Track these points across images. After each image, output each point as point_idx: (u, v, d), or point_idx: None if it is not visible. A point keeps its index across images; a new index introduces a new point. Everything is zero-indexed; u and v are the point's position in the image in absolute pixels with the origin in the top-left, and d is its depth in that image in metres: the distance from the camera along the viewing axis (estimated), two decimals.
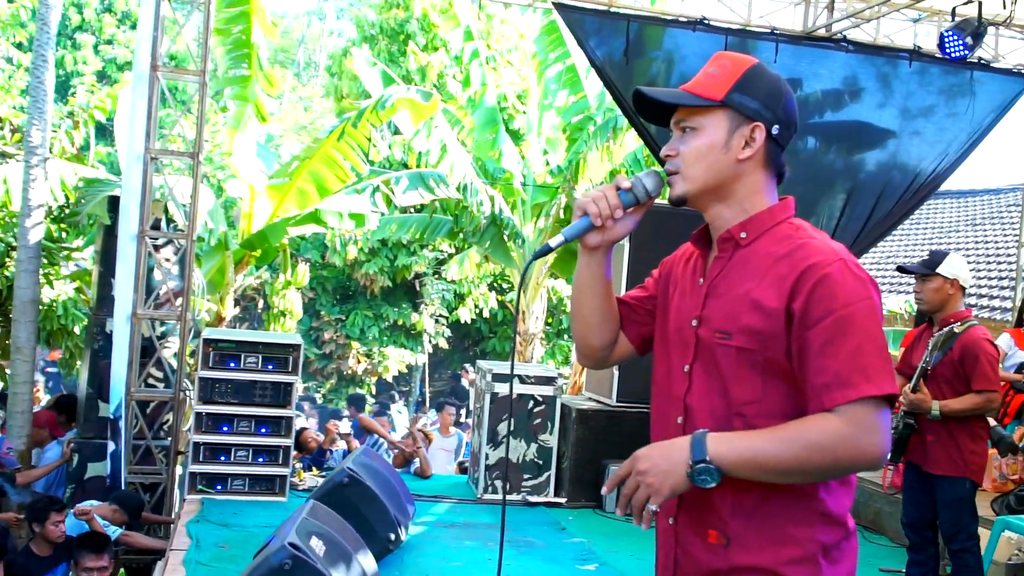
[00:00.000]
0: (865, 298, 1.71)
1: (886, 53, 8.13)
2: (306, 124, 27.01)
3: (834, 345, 1.69)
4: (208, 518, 5.79)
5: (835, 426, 1.67)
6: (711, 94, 1.83)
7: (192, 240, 7.19)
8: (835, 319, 1.69)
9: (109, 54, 22.89)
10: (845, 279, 1.72)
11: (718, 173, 1.84)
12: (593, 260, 1.96)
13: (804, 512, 1.77)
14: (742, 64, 1.86)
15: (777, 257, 1.79)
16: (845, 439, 1.67)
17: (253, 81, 9.32)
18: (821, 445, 1.67)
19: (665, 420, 1.93)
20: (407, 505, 5.77)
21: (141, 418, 7.13)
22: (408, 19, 18.15)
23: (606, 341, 2.05)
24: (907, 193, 8.21)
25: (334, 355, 19.74)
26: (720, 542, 1.80)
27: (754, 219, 1.85)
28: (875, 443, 1.68)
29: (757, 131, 1.83)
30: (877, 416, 1.69)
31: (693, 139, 1.84)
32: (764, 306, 1.76)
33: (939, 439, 4.54)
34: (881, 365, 1.70)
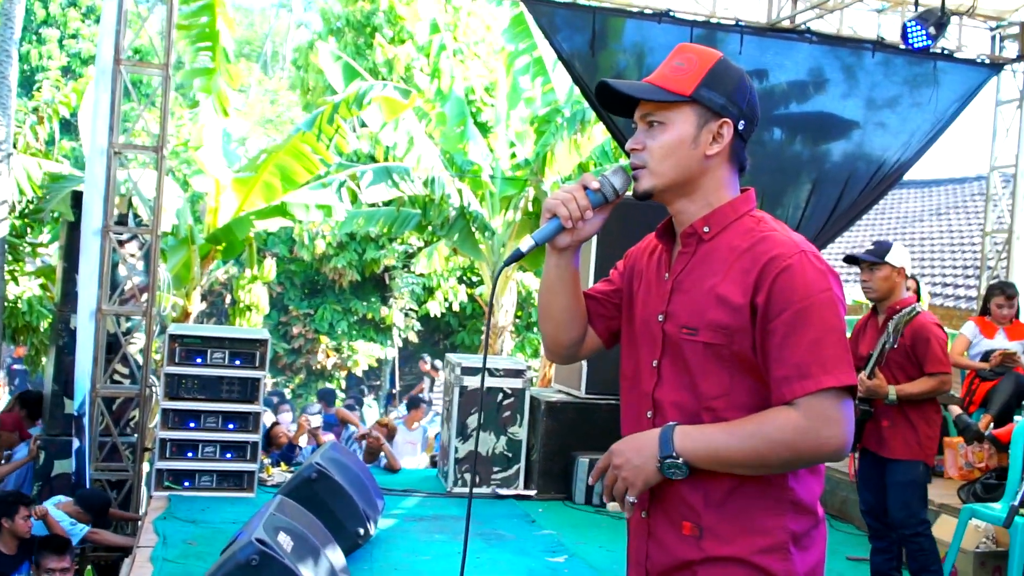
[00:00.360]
0: (825, 290, 1.74)
1: (850, 44, 8.19)
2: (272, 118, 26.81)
3: (794, 337, 1.72)
4: (175, 515, 5.74)
5: (794, 419, 1.70)
6: (679, 89, 1.83)
7: (157, 235, 7.12)
8: (795, 311, 1.72)
9: (74, 49, 22.61)
10: (805, 271, 1.74)
11: (686, 169, 1.85)
12: (562, 260, 1.96)
13: (774, 502, 1.79)
14: (708, 59, 1.86)
15: (740, 251, 1.81)
16: (805, 432, 1.70)
17: (217, 74, 9.24)
18: (781, 439, 1.71)
19: (636, 415, 1.94)
20: (376, 499, 5.76)
21: (107, 415, 7.06)
22: (374, 11, 18.06)
23: (575, 338, 2.06)
24: (872, 182, 8.28)
25: (303, 350, 19.65)
26: (694, 533, 1.82)
27: (717, 213, 1.87)
28: (836, 435, 1.71)
29: (725, 127, 1.85)
30: (838, 407, 1.71)
31: (661, 134, 1.85)
32: (729, 301, 1.78)
33: (895, 424, 4.61)
34: (840, 356, 1.72)
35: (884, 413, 4.63)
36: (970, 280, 13.34)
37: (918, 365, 4.60)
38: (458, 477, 6.84)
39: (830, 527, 6.49)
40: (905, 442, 4.59)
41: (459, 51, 16.94)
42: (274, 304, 18.39)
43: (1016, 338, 6.73)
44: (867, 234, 17.96)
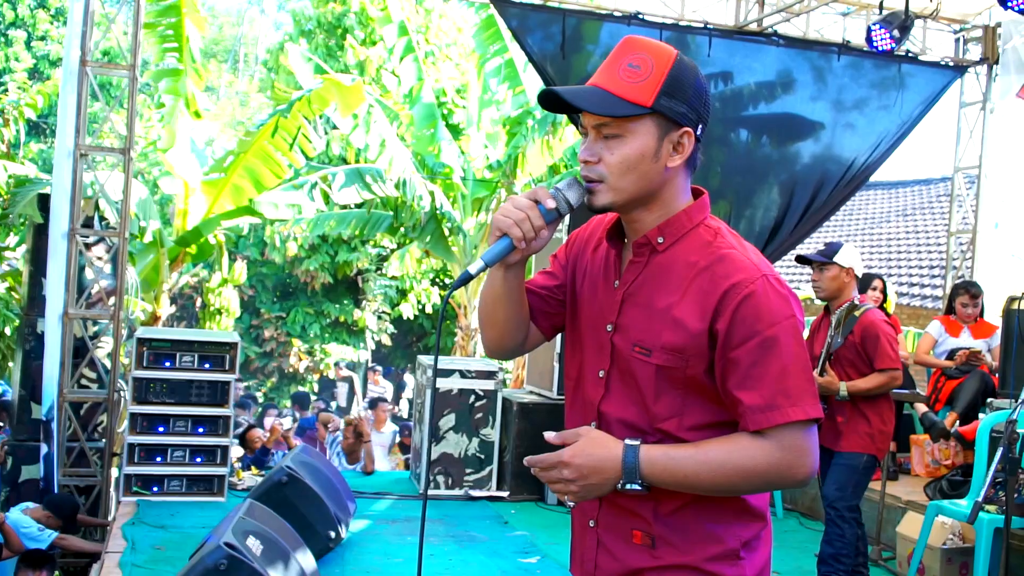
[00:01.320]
0: (789, 317, 1.70)
1: (816, 47, 8.27)
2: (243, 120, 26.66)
3: (759, 368, 1.68)
4: (144, 520, 5.70)
5: (766, 451, 1.68)
6: (639, 99, 1.70)
7: (124, 237, 7.06)
8: (760, 341, 1.67)
9: (42, 50, 22.38)
10: (769, 298, 1.69)
11: (648, 183, 1.75)
12: (510, 274, 1.84)
13: (726, 511, 1.78)
14: (665, 60, 1.72)
15: (698, 269, 1.74)
16: (777, 464, 1.69)
17: (185, 75, 9.18)
18: (753, 469, 1.69)
19: (581, 420, 1.87)
20: (348, 502, 5.74)
21: (75, 420, 6.99)
22: (345, 13, 18.00)
23: (520, 340, 1.96)
24: (841, 183, 8.38)
25: (275, 353, 19.55)
26: (645, 542, 1.79)
27: (672, 222, 1.79)
28: (805, 465, 1.70)
29: (686, 137, 1.75)
30: (805, 438, 1.70)
31: (619, 148, 1.72)
32: (686, 325, 1.72)
33: (849, 419, 4.70)
34: (805, 387, 1.70)
35: (838, 410, 4.73)
36: (936, 280, 13.50)
37: (868, 362, 4.70)
38: (431, 479, 6.84)
39: (800, 525, 6.59)
40: (858, 436, 4.69)
41: (431, 53, 16.93)
42: (246, 307, 18.29)
43: (981, 336, 6.83)
44: (835, 235, 18.12)
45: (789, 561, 5.77)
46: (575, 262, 1.96)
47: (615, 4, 7.88)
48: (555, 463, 1.71)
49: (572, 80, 7.49)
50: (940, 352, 6.88)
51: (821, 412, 1.71)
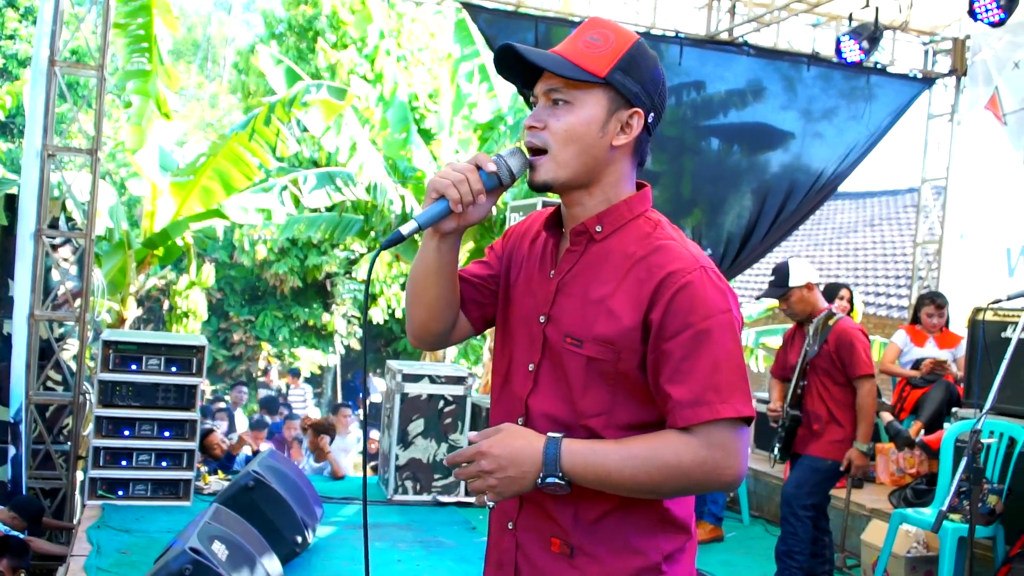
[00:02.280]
0: (724, 311, 1.63)
1: (786, 57, 8.35)
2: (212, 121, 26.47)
3: (691, 361, 1.61)
4: (109, 524, 5.64)
5: (692, 448, 1.60)
6: (593, 68, 1.66)
7: (91, 239, 6.99)
8: (693, 333, 1.61)
9: (11, 50, 22.10)
10: (705, 290, 1.63)
11: (591, 159, 1.69)
12: (444, 245, 1.75)
13: (649, 521, 1.71)
14: (625, 40, 1.70)
15: (635, 259, 1.68)
16: (703, 462, 1.60)
17: (154, 76, 9.10)
18: (677, 467, 1.60)
19: (505, 417, 1.80)
20: (315, 507, 5.72)
21: (40, 422, 6.90)
22: (316, 16, 17.94)
23: (448, 325, 1.87)
24: (810, 193, 8.46)
25: (244, 356, 19.42)
26: (564, 552, 1.72)
27: (611, 211, 1.73)
28: (732, 466, 1.62)
29: (636, 117, 1.70)
30: (735, 437, 1.62)
31: (566, 115, 1.67)
32: (619, 316, 1.65)
33: (824, 427, 4.78)
34: (737, 384, 1.63)
35: (815, 418, 4.79)
36: (902, 290, 13.65)
37: (843, 369, 4.75)
38: (399, 484, 6.81)
39: (766, 532, 6.63)
40: (828, 443, 4.75)
41: (403, 58, 16.91)
42: (214, 310, 18.16)
43: (946, 347, 6.90)
44: (803, 244, 18.29)
45: (756, 568, 5.81)
46: (511, 254, 1.89)
47: (586, 11, 7.91)
48: (473, 454, 1.64)
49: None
50: (905, 362, 6.95)
51: (753, 411, 1.64)
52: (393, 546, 5.71)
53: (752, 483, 7.19)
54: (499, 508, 1.84)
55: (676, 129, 8.20)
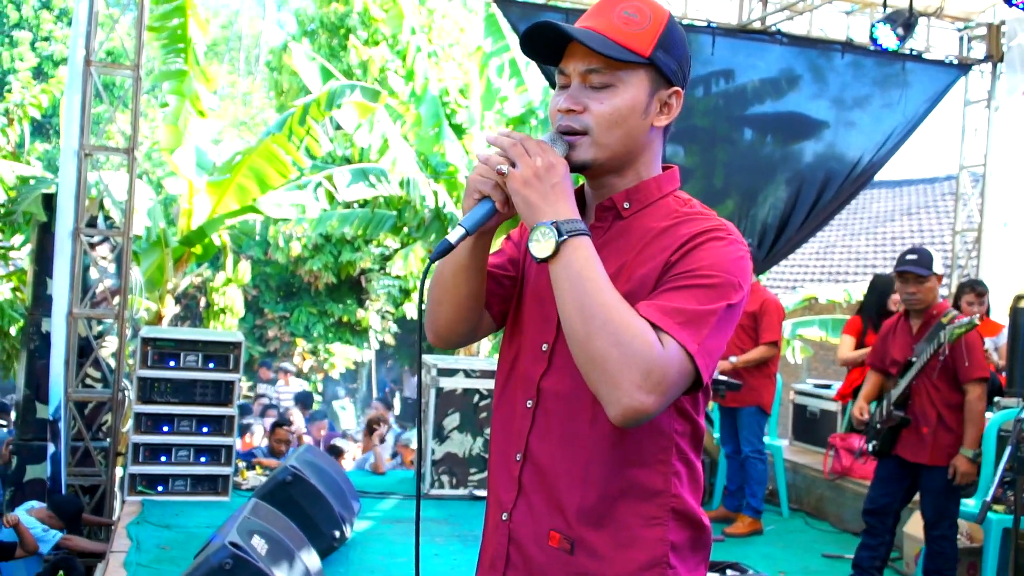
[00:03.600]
0: (734, 279, 1.54)
1: (820, 45, 8.26)
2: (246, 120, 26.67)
3: (678, 292, 1.51)
4: (148, 519, 5.70)
5: (654, 344, 1.45)
6: (639, 48, 1.58)
7: (128, 237, 7.06)
8: (693, 278, 1.52)
9: (46, 51, 22.41)
10: (727, 251, 1.55)
11: (633, 141, 1.63)
12: (480, 242, 1.66)
13: (655, 509, 1.61)
14: (661, 15, 1.62)
15: (656, 232, 1.61)
16: (650, 362, 1.43)
17: (190, 76, 9.18)
18: (628, 338, 1.44)
19: (511, 403, 1.73)
20: (352, 502, 5.74)
21: (79, 419, 6.99)
22: (348, 13, 18.01)
23: (474, 323, 1.78)
24: (845, 182, 8.36)
25: (279, 353, 19.56)
26: (563, 547, 1.62)
27: (640, 188, 1.66)
28: (653, 393, 1.44)
29: (675, 96, 1.64)
30: (684, 379, 1.48)
31: (611, 98, 1.59)
32: (637, 277, 1.58)
33: (935, 431, 4.58)
34: (710, 338, 1.50)
35: (924, 420, 4.60)
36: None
37: (953, 371, 4.56)
38: (435, 479, 6.83)
39: (805, 524, 6.57)
40: (944, 448, 4.57)
41: (433, 53, 16.93)
42: (249, 307, 18.29)
43: (987, 335, 6.79)
44: (839, 234, 18.12)
45: (795, 561, 5.76)
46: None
47: None
48: (522, 139, 1.55)
49: None
50: None
51: (706, 379, 1.51)
52: (430, 540, 5.73)
53: (791, 476, 7.13)
54: (493, 499, 1.75)
55: (708, 120, 8.14)
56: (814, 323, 13.31)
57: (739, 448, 6.18)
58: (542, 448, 1.66)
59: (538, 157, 1.53)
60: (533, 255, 1.52)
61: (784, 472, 6.90)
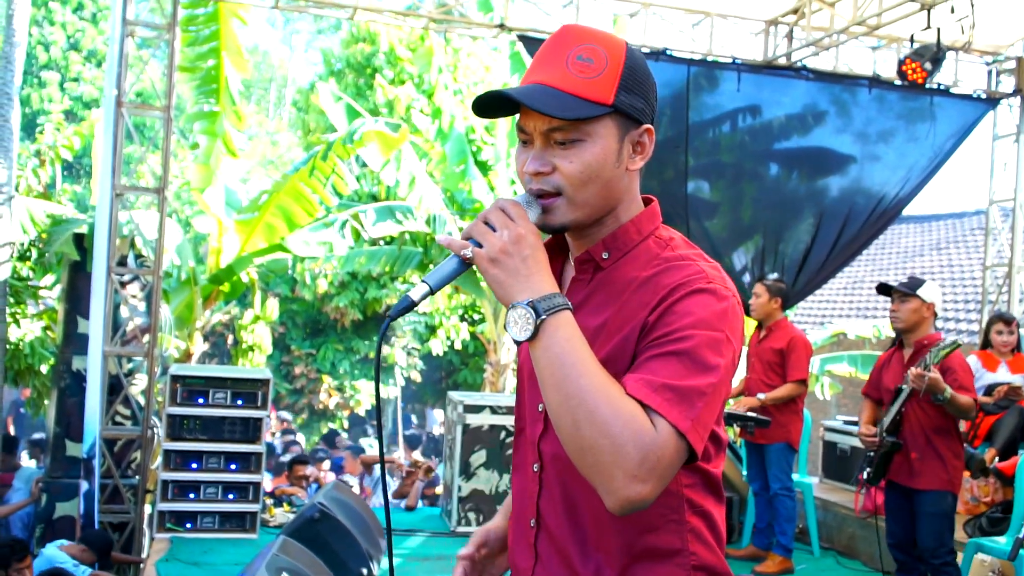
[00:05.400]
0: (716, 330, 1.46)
1: (846, 80, 8.26)
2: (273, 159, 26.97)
3: (662, 360, 1.42)
4: (178, 557, 5.71)
5: (647, 427, 1.36)
6: (598, 97, 1.49)
7: (159, 276, 7.15)
8: (675, 340, 1.44)
9: (75, 92, 22.80)
10: (705, 303, 1.46)
11: (610, 192, 1.54)
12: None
13: (675, 570, 1.54)
14: (618, 51, 1.52)
15: (639, 284, 1.53)
16: (643, 447, 1.35)
17: (222, 116, 9.31)
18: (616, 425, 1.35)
19: (523, 466, 1.69)
20: (379, 539, 5.72)
21: (109, 457, 7.04)
22: (374, 53, 18.23)
23: None
24: (872, 217, 8.32)
25: (305, 389, 19.60)
26: None
27: (618, 235, 1.58)
28: (650, 481, 1.36)
29: (647, 135, 1.57)
30: (670, 454, 1.37)
31: (579, 154, 1.50)
32: (618, 333, 1.51)
33: (924, 456, 4.66)
34: (710, 417, 1.44)
35: (913, 445, 4.69)
36: (971, 315, 13.34)
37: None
38: (461, 516, 6.80)
39: (836, 563, 6.47)
40: (935, 473, 4.64)
41: (459, 91, 17.08)
42: (276, 344, 18.37)
43: (1018, 371, 6.72)
44: (868, 269, 17.99)
45: None
46: None
47: (642, 40, 7.93)
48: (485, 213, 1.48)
49: None
50: (978, 388, 6.77)
51: (699, 447, 1.42)
52: None
53: (822, 514, 7.04)
54: (512, 565, 1.71)
55: (734, 155, 8.15)
56: (843, 359, 13.20)
57: (767, 485, 6.12)
58: (551, 514, 1.61)
59: (504, 231, 1.44)
60: (512, 337, 1.44)
61: (814, 510, 6.82)
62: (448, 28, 8.55)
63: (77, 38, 23.40)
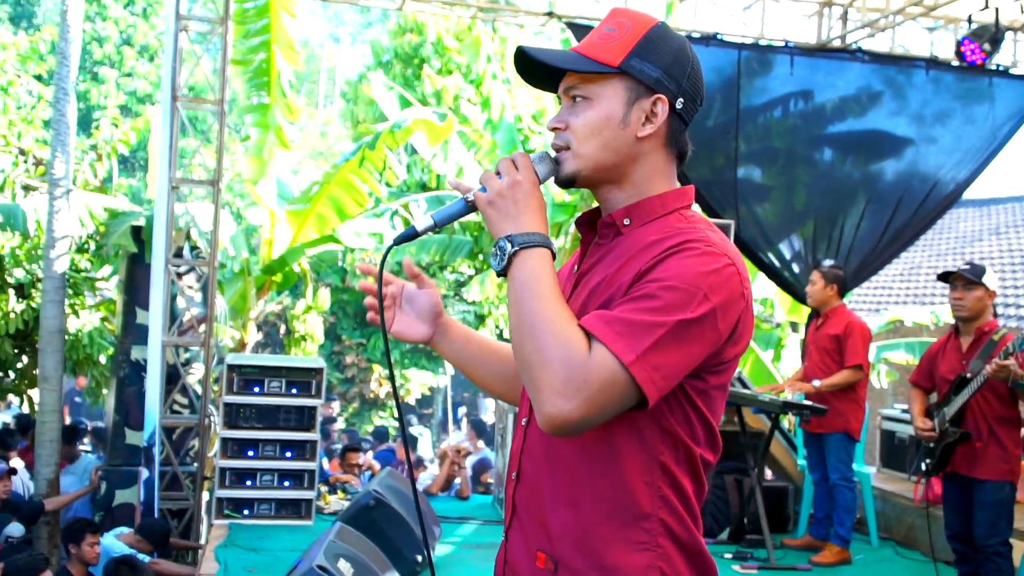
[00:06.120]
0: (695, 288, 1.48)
1: (902, 62, 8.11)
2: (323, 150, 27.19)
3: (635, 301, 1.48)
4: (235, 543, 5.79)
5: (581, 350, 1.44)
6: (606, 59, 1.59)
7: (214, 267, 7.24)
8: (650, 288, 1.48)
9: (129, 86, 23.14)
10: (692, 262, 1.50)
11: (614, 152, 1.61)
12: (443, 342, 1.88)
13: (642, 535, 1.56)
14: (643, 24, 1.62)
15: (645, 245, 1.57)
16: (573, 367, 1.42)
17: (273, 108, 9.40)
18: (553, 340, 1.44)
19: (516, 423, 1.74)
20: (433, 527, 5.76)
21: (168, 445, 7.16)
22: (422, 43, 18.27)
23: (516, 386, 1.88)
24: (928, 201, 8.16)
25: (356, 379, 19.77)
26: (548, 567, 1.61)
27: (643, 204, 1.64)
28: (574, 400, 1.42)
29: (659, 104, 1.61)
30: (606, 378, 1.43)
31: (585, 111, 1.61)
32: (614, 285, 1.56)
33: (987, 444, 4.60)
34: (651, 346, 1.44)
35: (977, 435, 4.62)
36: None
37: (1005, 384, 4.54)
38: None
39: (895, 554, 6.38)
40: (995, 462, 4.59)
41: (507, 80, 17.07)
42: (327, 334, 18.53)
43: None
44: (925, 254, 17.68)
45: None
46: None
47: (693, 25, 7.85)
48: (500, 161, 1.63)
49: None
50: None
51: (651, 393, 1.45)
52: None
53: (880, 504, 6.94)
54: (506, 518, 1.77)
55: (785, 140, 8.04)
56: (900, 346, 12.99)
57: (826, 475, 6.04)
58: (530, 467, 1.67)
59: (506, 177, 1.58)
60: (493, 269, 1.59)
61: (873, 500, 6.72)
62: (496, 17, 8.54)
63: (129, 33, 23.74)
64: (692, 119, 1.67)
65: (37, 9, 25.55)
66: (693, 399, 1.57)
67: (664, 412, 1.55)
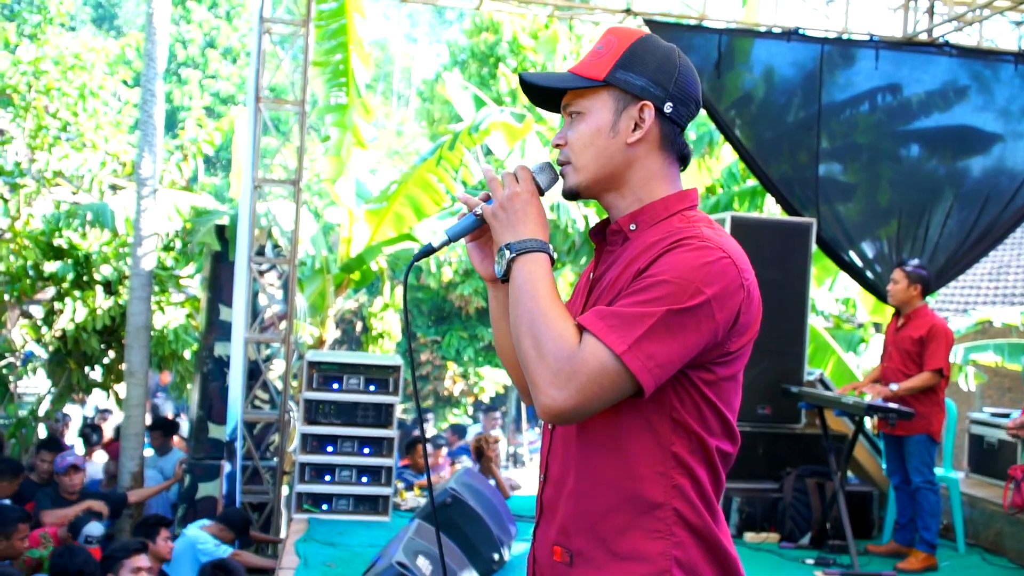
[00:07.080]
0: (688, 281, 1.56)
1: (989, 56, 7.87)
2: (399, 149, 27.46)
3: (629, 296, 1.57)
4: (315, 537, 5.88)
5: (572, 341, 1.55)
6: (594, 74, 1.70)
7: (294, 265, 7.36)
8: (647, 283, 1.57)
9: (213, 88, 23.67)
10: (689, 257, 1.58)
11: (608, 160, 1.71)
12: (501, 292, 1.84)
13: (657, 523, 1.61)
14: (627, 38, 1.72)
15: (647, 246, 1.65)
16: (563, 361, 1.53)
17: (351, 109, 9.52)
18: (546, 336, 1.55)
19: (544, 427, 1.81)
20: (509, 525, 5.77)
21: (249, 439, 7.30)
22: (498, 42, 18.33)
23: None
24: (1017, 199, 7.89)
25: (431, 376, 19.94)
26: (564, 559, 1.68)
27: (646, 209, 1.72)
28: (566, 390, 1.52)
29: (646, 110, 1.69)
30: (598, 370, 1.52)
31: (579, 124, 1.72)
32: (616, 286, 1.65)
33: None
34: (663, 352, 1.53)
35: None
36: None
37: None
38: None
39: (983, 561, 6.20)
40: None
41: None
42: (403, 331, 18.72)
43: None
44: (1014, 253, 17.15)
45: None
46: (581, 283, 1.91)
47: (773, 20, 7.72)
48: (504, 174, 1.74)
49: (725, 100, 7.36)
50: None
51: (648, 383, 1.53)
52: None
53: (968, 509, 6.75)
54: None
55: (869, 136, 7.85)
56: (988, 348, 12.61)
57: (907, 478, 5.89)
58: (554, 466, 1.75)
59: (508, 189, 1.71)
60: (497, 276, 1.70)
61: (960, 506, 6.54)
62: (572, 15, 8.51)
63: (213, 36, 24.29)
64: (689, 121, 1.75)
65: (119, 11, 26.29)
66: (703, 391, 1.63)
67: (675, 404, 1.62)
